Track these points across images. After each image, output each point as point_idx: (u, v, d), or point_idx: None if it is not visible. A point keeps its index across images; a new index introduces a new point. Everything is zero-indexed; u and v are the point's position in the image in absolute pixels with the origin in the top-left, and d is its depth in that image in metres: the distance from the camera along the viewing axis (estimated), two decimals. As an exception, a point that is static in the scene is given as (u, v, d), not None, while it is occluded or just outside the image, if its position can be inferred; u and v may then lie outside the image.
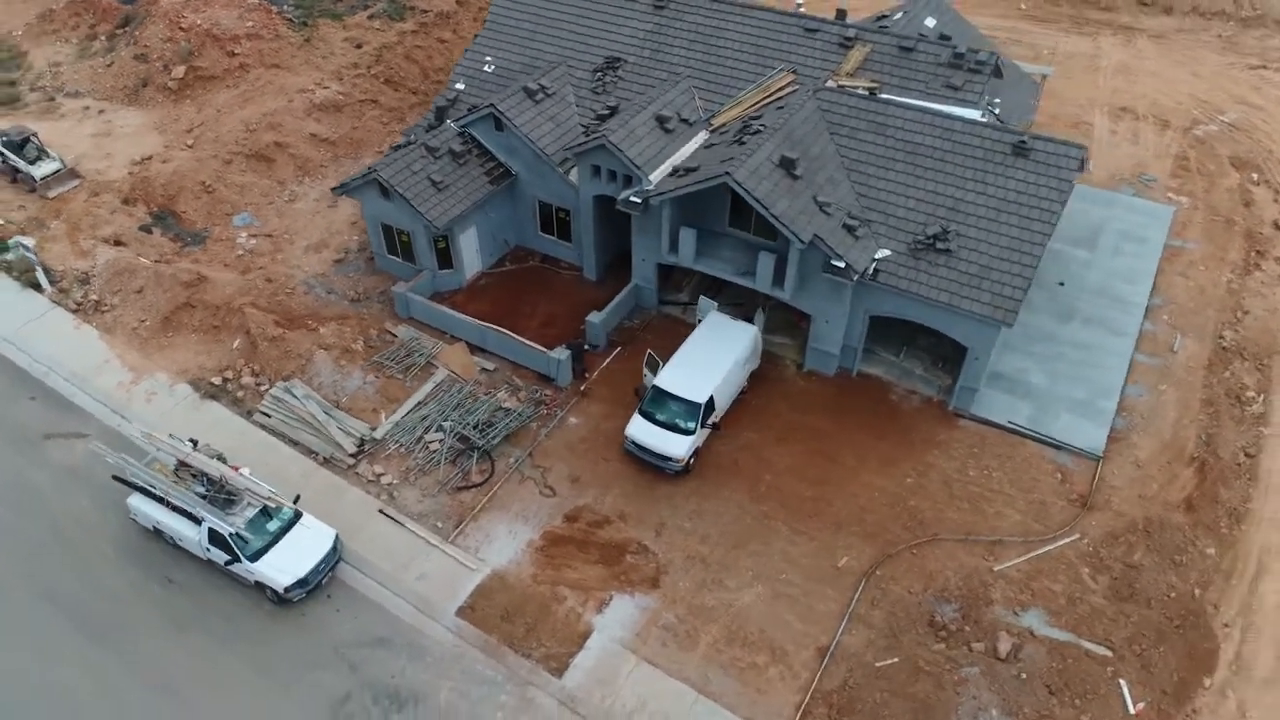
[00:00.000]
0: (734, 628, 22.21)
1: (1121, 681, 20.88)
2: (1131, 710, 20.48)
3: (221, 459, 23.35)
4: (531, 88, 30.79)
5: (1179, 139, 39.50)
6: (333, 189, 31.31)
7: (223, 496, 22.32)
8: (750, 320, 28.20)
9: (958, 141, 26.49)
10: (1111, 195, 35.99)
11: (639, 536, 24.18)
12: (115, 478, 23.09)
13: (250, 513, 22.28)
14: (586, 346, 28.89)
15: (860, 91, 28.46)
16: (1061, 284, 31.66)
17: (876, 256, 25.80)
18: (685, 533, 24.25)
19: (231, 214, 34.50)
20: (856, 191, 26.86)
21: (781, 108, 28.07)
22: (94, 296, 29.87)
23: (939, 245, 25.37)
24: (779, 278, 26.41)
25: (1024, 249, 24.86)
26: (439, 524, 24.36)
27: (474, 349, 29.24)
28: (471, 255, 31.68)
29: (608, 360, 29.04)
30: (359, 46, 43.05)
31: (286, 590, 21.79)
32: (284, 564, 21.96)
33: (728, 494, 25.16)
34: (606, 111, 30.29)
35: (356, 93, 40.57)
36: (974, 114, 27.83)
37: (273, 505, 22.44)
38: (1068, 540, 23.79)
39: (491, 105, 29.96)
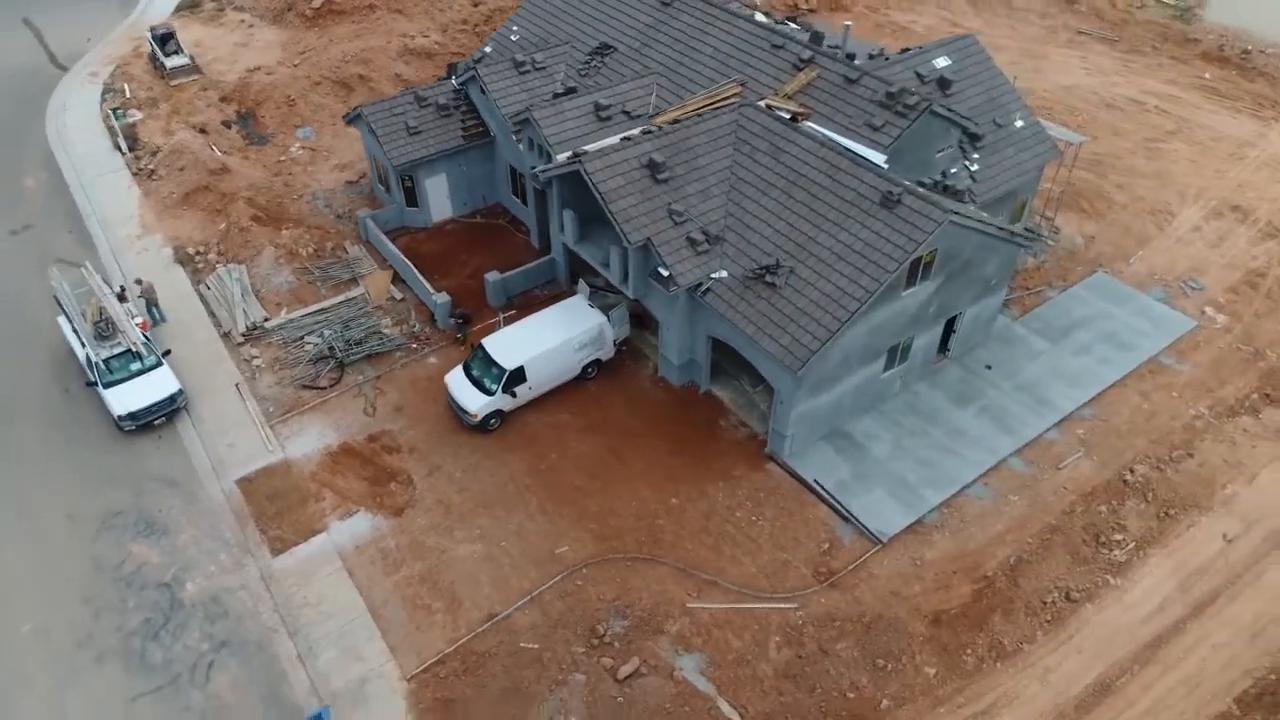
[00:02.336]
0: (433, 571, 23.75)
1: (729, 750, 19.97)
2: (725, 779, 19.63)
3: (122, 297, 28.66)
4: (520, 60, 33.04)
5: (1273, 255, 33.28)
6: (343, 117, 35.79)
7: (105, 331, 27.54)
8: (616, 311, 28.86)
9: (836, 180, 25.18)
10: (1132, 293, 31.51)
11: (412, 471, 26.26)
12: (55, 298, 29.16)
13: (118, 350, 27.28)
14: (455, 319, 30.51)
15: (783, 114, 27.68)
16: (989, 367, 28.74)
17: (713, 276, 25.46)
18: (451, 480, 25.95)
19: (298, 126, 40.34)
20: (727, 209, 26.46)
21: (700, 118, 28.10)
22: (151, 166, 36.82)
23: (767, 278, 24.53)
24: (625, 274, 26.87)
25: (842, 301, 23.38)
26: (272, 408, 28.02)
27: (397, 278, 32.51)
28: (440, 200, 34.82)
29: (499, 319, 30.99)
30: (477, 4, 47.44)
31: (119, 419, 26.58)
32: (125, 398, 26.72)
33: (509, 460, 26.42)
34: (564, 91, 31.86)
35: (452, 45, 45.00)
36: (878, 156, 26.15)
37: (135, 350, 27.29)
38: (781, 606, 22.53)
39: (473, 68, 32.73)
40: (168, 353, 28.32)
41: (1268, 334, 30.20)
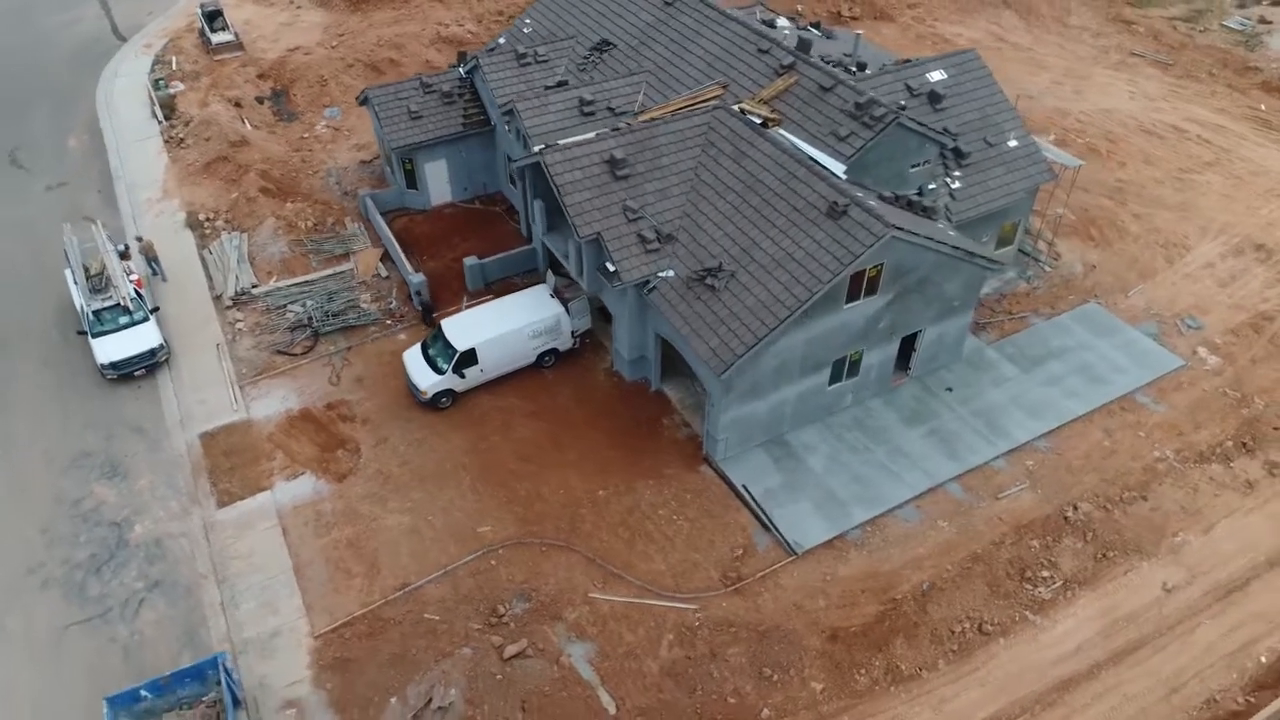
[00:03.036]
0: (360, 538, 24.67)
1: (598, 739, 20.22)
2: (589, 767, 19.89)
3: (125, 255, 30.58)
4: (521, 52, 33.76)
5: (1286, 299, 31.56)
6: (356, 98, 37.18)
7: (99, 285, 29.44)
8: (576, 303, 29.30)
9: (790, 187, 25.01)
10: (1121, 326, 30.27)
11: (361, 440, 27.27)
12: (65, 251, 31.27)
13: (109, 303, 29.12)
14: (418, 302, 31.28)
15: (753, 119, 27.59)
16: (949, 389, 28.09)
17: (660, 274, 25.63)
18: (395, 453, 26.85)
19: (326, 106, 42.04)
20: (684, 210, 26.57)
21: (674, 117, 28.25)
22: (181, 135, 38.99)
23: (708, 280, 24.56)
24: (581, 267, 27.28)
25: (773, 308, 23.24)
26: (245, 370, 29.45)
27: (386, 257, 33.66)
28: (440, 185, 35.83)
29: (477, 302, 31.75)
30: (517, -4, 48.52)
31: (102, 367, 28.40)
32: (109, 348, 28.50)
33: (453, 438, 27.18)
34: (554, 84, 32.41)
35: (485, 35, 46.09)
36: (838, 166, 25.84)
37: (124, 304, 29.08)
38: (681, 605, 22.62)
39: (475, 57, 33.60)
40: (155, 310, 30.11)
41: (1261, 380, 28.60)
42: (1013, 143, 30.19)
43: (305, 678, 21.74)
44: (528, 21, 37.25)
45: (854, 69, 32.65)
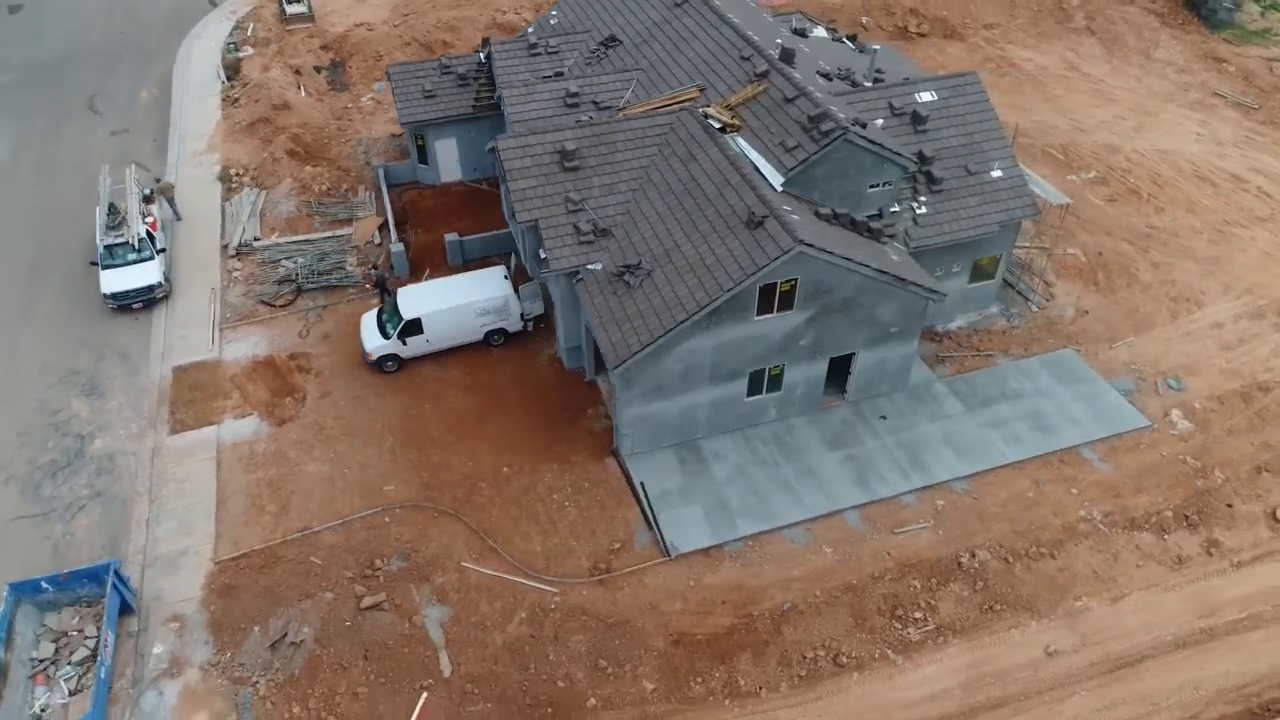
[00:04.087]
0: (281, 479, 26.40)
1: (424, 695, 21.00)
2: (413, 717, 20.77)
3: (146, 198, 33.59)
4: (533, 42, 34.81)
5: (1294, 369, 28.97)
6: (386, 71, 39.13)
7: (114, 223, 32.46)
8: (528, 287, 30.25)
9: (722, 193, 25.02)
10: (1092, 377, 28.64)
11: (309, 391, 29.06)
12: (98, 191, 34.56)
13: (120, 240, 32.05)
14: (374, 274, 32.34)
15: (713, 124, 27.60)
16: (883, 418, 27.35)
17: (589, 266, 26.12)
18: (334, 407, 28.50)
19: (376, 80, 44.39)
20: (625, 205, 26.92)
21: (645, 116, 28.62)
22: (237, 95, 42.14)
23: (626, 277, 24.88)
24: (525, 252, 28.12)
25: (675, 311, 23.36)
26: (229, 315, 31.84)
27: (385, 226, 35.49)
28: (450, 162, 37.37)
29: (425, 275, 32.92)
30: (575, -11, 49.49)
31: (104, 296, 31.34)
32: (112, 280, 31.39)
33: (389, 400, 28.58)
34: (552, 75, 33.24)
35: (538, 24, 47.42)
36: (777, 178, 25.57)
37: (132, 242, 31.95)
38: (543, 587, 23.19)
39: (488, 40, 34.86)
40: (162, 250, 32.92)
41: (1230, 453, 26.45)
42: (996, 173, 28.96)
43: (195, 598, 23.61)
44: (554, 14, 38.28)
45: (862, 83, 31.89)
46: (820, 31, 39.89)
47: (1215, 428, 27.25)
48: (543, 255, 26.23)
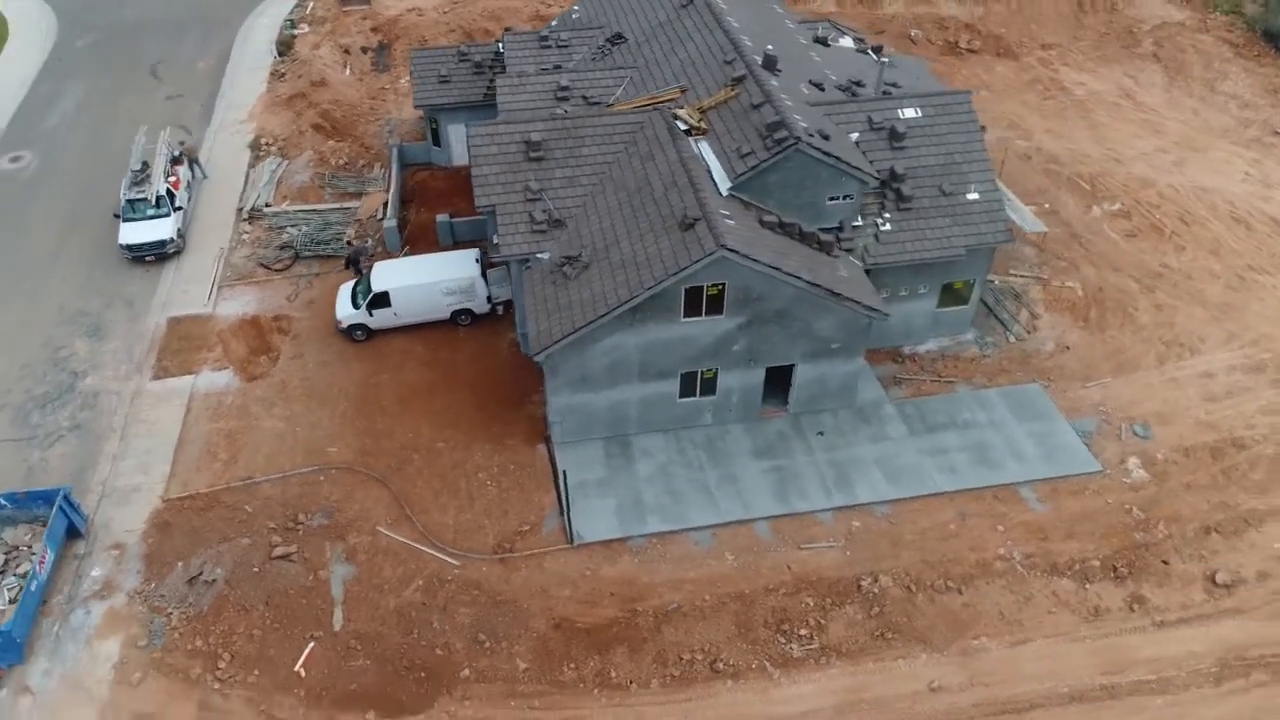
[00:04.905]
0: (238, 431, 28.04)
1: (311, 645, 22.13)
2: (297, 667, 21.89)
3: (175, 160, 36.01)
4: (544, 35, 35.61)
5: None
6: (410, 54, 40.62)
7: (139, 179, 34.93)
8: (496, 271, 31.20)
9: (667, 194, 25.26)
10: (1053, 415, 27.63)
11: (283, 352, 30.68)
12: (132, 150, 37.23)
13: (141, 196, 34.47)
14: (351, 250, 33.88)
15: (681, 125, 27.76)
16: (821, 433, 27.05)
17: (538, 255, 26.72)
18: (302, 368, 30.03)
19: (417, 63, 46.13)
20: (583, 199, 27.37)
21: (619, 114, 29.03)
22: (283, 70, 44.50)
23: (564, 269, 25.37)
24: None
25: (597, 306, 23.73)
26: (230, 274, 33.89)
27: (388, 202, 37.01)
28: (462, 146, 38.28)
29: (403, 252, 34.18)
30: (623, -14, 50.07)
31: (120, 246, 33.81)
32: (128, 233, 33.85)
33: (353, 367, 29.92)
34: (551, 68, 33.91)
35: (581, 18, 48.22)
36: (725, 184, 25.56)
37: (152, 199, 34.32)
38: (445, 559, 24.02)
39: (508, 30, 35.84)
40: (179, 209, 35.24)
41: (1181, 509, 25.05)
42: (973, 195, 28.14)
43: (138, 530, 25.43)
44: (576, 8, 39.01)
45: (873, 94, 31.30)
46: (846, 41, 39.39)
47: (1173, 480, 25.84)
48: (495, 240, 27.04)
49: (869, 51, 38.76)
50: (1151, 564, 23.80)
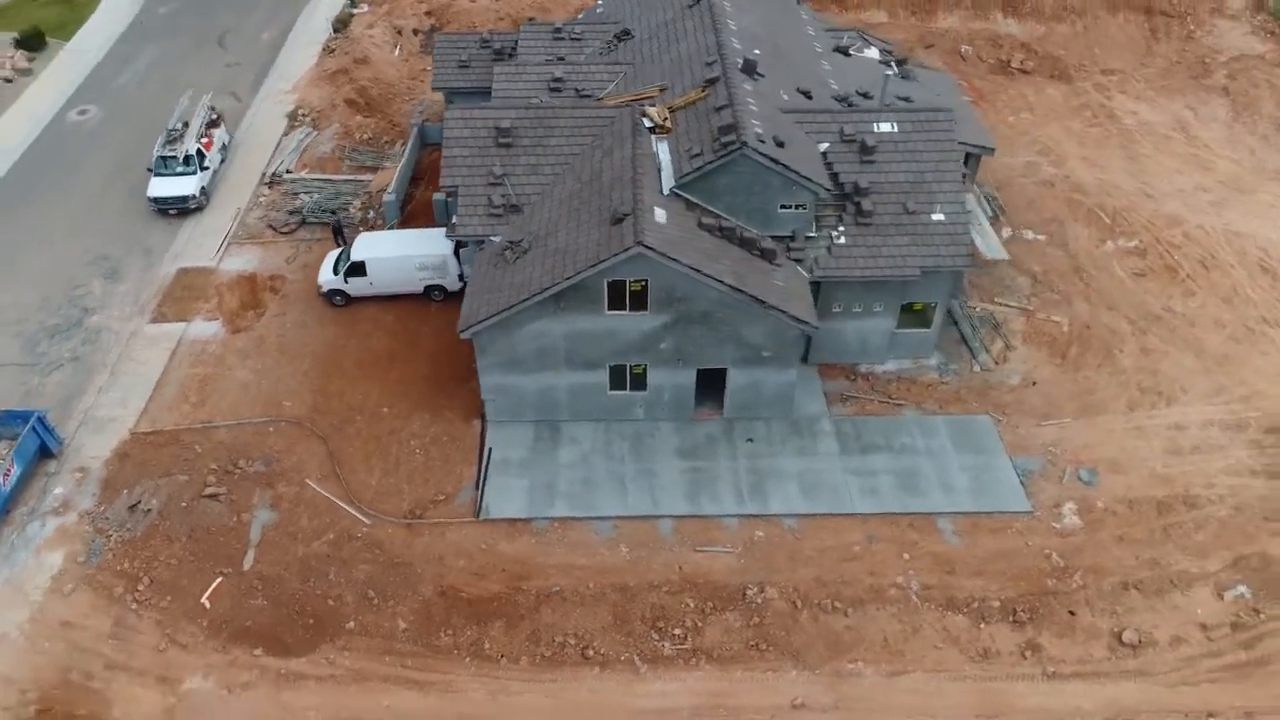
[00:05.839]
0: (212, 378, 30.01)
1: (219, 579, 23.67)
2: (204, 599, 23.48)
3: (212, 123, 38.56)
4: (558, 27, 36.39)
5: (1238, 496, 25.43)
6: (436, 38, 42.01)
7: (173, 138, 37.57)
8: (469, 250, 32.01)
9: (612, 188, 25.63)
10: (996, 450, 26.84)
11: (270, 310, 32.57)
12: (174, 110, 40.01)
13: (172, 153, 37.06)
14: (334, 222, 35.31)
15: (646, 123, 28.04)
16: (750, 440, 26.99)
17: (491, 237, 27.54)
18: (281, 326, 31.82)
19: (462, 48, 47.69)
20: (542, 187, 28.00)
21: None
22: (334, 46, 46.82)
23: (507, 253, 26.10)
24: (459, 218, 29.97)
25: (522, 290, 24.36)
26: (240, 233, 36.13)
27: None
28: (477, 130, 39.84)
29: (388, 226, 35.48)
30: (673, -15, 50.34)
31: (148, 198, 36.52)
32: (156, 186, 36.50)
33: (327, 330, 31.50)
34: (554, 59, 34.60)
35: (625, 14, 48.80)
36: (669, 184, 25.72)
37: (181, 157, 36.87)
38: (359, 517, 25.25)
39: (531, 20, 36.84)
40: (206, 169, 37.74)
41: (1104, 561, 23.89)
42: (938, 216, 27.39)
43: (103, 457, 27.63)
44: (600, 4, 39.65)
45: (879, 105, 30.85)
46: (872, 52, 38.71)
47: (1106, 531, 24.64)
48: (453, 220, 28.04)
49: (891, 64, 38.01)
50: (1056, 613, 22.83)
